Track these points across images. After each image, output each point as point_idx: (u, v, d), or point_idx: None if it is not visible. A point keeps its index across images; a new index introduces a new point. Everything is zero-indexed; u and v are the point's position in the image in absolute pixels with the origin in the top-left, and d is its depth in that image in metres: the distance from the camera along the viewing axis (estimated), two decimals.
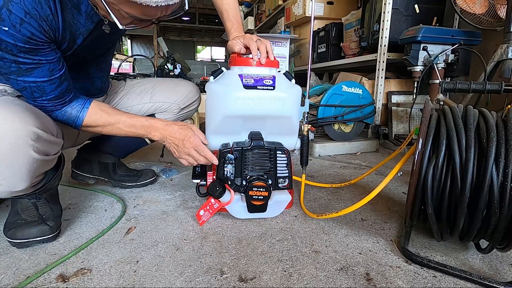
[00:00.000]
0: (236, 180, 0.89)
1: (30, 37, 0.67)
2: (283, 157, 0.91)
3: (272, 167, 0.90)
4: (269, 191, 0.87)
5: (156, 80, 1.22)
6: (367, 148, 1.90)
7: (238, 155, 0.88)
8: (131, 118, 0.89)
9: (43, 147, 0.71)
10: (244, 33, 1.01)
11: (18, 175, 0.69)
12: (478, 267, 0.72)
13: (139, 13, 0.68)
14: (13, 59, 0.69)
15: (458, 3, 1.67)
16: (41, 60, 0.72)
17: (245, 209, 0.90)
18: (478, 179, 0.62)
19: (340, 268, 0.71)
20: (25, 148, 0.67)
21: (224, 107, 0.86)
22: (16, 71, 0.71)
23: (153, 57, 6.14)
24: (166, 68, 4.81)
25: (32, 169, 0.71)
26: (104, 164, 1.20)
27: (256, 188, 0.86)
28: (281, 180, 0.91)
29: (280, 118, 0.90)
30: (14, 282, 0.66)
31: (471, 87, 1.09)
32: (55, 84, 0.77)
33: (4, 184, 0.69)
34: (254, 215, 0.93)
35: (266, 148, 0.90)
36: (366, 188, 1.23)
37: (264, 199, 0.88)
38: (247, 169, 0.89)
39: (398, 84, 2.19)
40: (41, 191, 0.81)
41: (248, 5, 4.90)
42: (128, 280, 0.66)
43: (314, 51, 2.97)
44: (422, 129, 0.69)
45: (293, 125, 0.94)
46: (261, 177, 0.89)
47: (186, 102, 1.19)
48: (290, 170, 0.92)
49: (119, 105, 1.15)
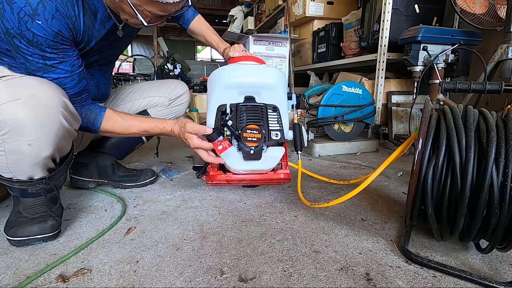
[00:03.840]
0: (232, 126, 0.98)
1: (57, 33, 0.75)
2: (274, 114, 1.02)
3: (264, 120, 0.99)
4: (262, 134, 0.95)
5: (145, 82, 1.33)
6: (367, 148, 1.90)
7: (234, 109, 0.99)
8: (143, 122, 0.98)
9: (69, 117, 0.79)
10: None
11: (48, 137, 0.75)
12: (478, 267, 0.72)
13: (159, 10, 0.80)
14: (41, 54, 0.76)
15: (458, 3, 1.67)
16: (64, 57, 0.80)
17: (241, 158, 0.96)
18: (478, 179, 0.62)
19: (340, 268, 0.71)
20: (57, 113, 0.74)
21: (222, 80, 1.02)
22: (43, 68, 0.78)
23: (153, 57, 6.14)
24: (166, 68, 4.81)
25: (59, 135, 0.77)
26: (102, 166, 1.20)
27: (250, 130, 0.95)
28: (273, 133, 0.99)
29: (267, 88, 1.03)
30: (14, 282, 0.66)
31: (471, 87, 1.09)
32: (75, 80, 0.84)
33: (33, 145, 0.73)
34: (250, 166, 0.97)
35: (257, 104, 1.01)
36: (366, 188, 1.22)
37: (258, 141, 0.94)
38: (242, 122, 0.98)
39: (398, 84, 2.19)
40: (50, 177, 0.84)
41: (248, 5, 4.90)
42: (128, 280, 0.67)
43: (314, 51, 2.97)
44: (422, 129, 0.69)
45: (280, 97, 1.05)
46: (254, 121, 0.97)
47: (175, 94, 1.27)
48: (282, 125, 1.01)
49: (111, 103, 1.20)
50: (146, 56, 4.12)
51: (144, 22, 0.82)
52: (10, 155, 0.74)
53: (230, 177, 1.04)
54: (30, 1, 0.70)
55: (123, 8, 0.82)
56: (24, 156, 0.74)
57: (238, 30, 4.79)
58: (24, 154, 0.74)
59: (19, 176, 0.79)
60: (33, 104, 0.71)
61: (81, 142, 1.15)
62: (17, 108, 0.69)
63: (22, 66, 0.79)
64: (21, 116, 0.70)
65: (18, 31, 0.72)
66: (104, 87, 1.09)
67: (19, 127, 0.70)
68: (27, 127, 0.71)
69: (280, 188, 1.22)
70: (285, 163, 1.10)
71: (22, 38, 0.73)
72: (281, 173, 1.06)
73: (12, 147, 0.72)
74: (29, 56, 0.75)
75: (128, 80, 4.43)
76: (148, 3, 0.78)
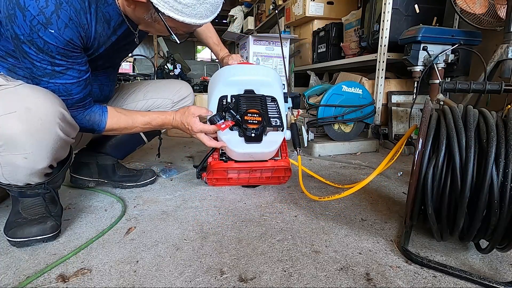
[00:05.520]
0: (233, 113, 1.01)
1: (69, 41, 0.75)
2: (273, 103, 1.07)
3: (264, 108, 1.04)
4: (263, 117, 0.99)
5: (149, 81, 1.30)
6: (367, 148, 1.90)
7: (234, 99, 1.04)
8: (144, 116, 0.99)
9: (66, 127, 0.78)
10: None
11: (44, 150, 0.73)
12: (478, 267, 0.72)
13: (189, 29, 0.85)
14: (51, 61, 0.75)
15: (458, 3, 1.67)
16: (73, 63, 0.79)
17: (242, 142, 1.00)
18: (478, 179, 0.62)
19: (340, 268, 0.71)
20: (53, 126, 0.73)
21: (223, 78, 1.07)
22: (50, 73, 0.77)
23: (153, 57, 6.13)
24: (166, 68, 4.80)
25: (55, 147, 0.75)
26: (103, 166, 1.20)
27: (251, 114, 0.99)
28: (273, 120, 1.03)
29: (265, 85, 1.08)
30: (14, 282, 0.66)
31: (471, 87, 1.09)
32: (81, 86, 0.83)
33: (29, 159, 0.72)
34: (251, 148, 1.00)
35: (257, 95, 1.06)
36: (366, 188, 1.23)
37: (258, 123, 0.98)
38: (242, 109, 1.01)
39: (398, 84, 2.18)
40: (49, 181, 0.83)
41: (248, 5, 4.89)
42: (128, 280, 0.67)
43: (314, 51, 2.97)
44: (422, 129, 0.69)
45: (277, 94, 1.08)
46: (254, 107, 1.02)
47: (179, 96, 1.25)
48: (280, 113, 1.05)
49: (114, 103, 1.18)
50: (146, 56, 4.12)
51: (177, 40, 0.85)
52: (6, 167, 0.73)
53: (231, 165, 1.06)
54: (44, 10, 0.69)
55: (154, 26, 0.84)
56: (20, 169, 0.73)
57: (238, 30, 4.78)
58: (20, 167, 0.73)
59: (16, 183, 0.78)
60: (27, 118, 0.69)
61: (80, 141, 1.15)
62: (11, 122, 0.67)
63: (27, 70, 0.78)
64: (15, 131, 0.68)
65: (29, 38, 0.70)
66: (108, 89, 1.09)
67: (14, 141, 0.69)
68: (22, 141, 0.69)
69: (280, 188, 1.22)
70: (285, 154, 1.14)
71: (32, 44, 0.71)
72: (281, 162, 1.09)
73: (7, 160, 0.71)
74: (37, 62, 0.74)
75: (128, 80, 4.42)
76: (183, 26, 0.80)
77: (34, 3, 0.68)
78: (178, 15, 0.75)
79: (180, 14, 0.75)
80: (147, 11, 0.79)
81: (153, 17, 0.80)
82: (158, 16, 0.77)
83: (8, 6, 0.68)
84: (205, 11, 0.78)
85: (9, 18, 0.69)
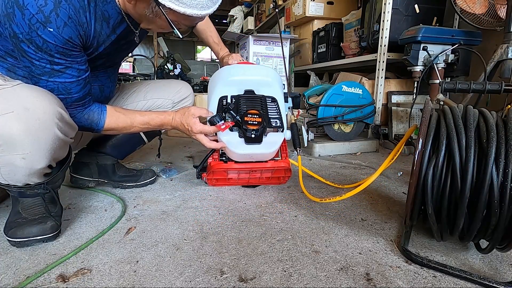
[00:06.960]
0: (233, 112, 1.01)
1: (68, 40, 0.74)
2: (273, 104, 1.07)
3: (264, 109, 1.04)
4: (263, 118, 0.99)
5: (149, 82, 1.29)
6: (367, 148, 1.90)
7: (234, 99, 1.04)
8: (143, 115, 0.98)
9: (65, 127, 0.77)
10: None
11: (42, 151, 0.73)
12: (478, 267, 0.72)
13: (191, 23, 0.84)
14: (50, 60, 0.74)
15: (458, 3, 1.67)
16: (72, 62, 0.79)
17: (242, 143, 1.00)
18: (478, 179, 0.62)
19: (340, 268, 0.71)
20: (52, 125, 0.73)
21: (223, 78, 1.07)
22: (49, 72, 0.76)
23: (153, 57, 6.13)
24: (166, 68, 4.80)
25: (54, 147, 0.75)
26: (103, 166, 1.20)
27: (251, 115, 0.99)
28: (273, 120, 1.03)
29: (265, 85, 1.08)
30: (14, 282, 0.66)
31: (471, 87, 1.09)
32: (80, 85, 0.83)
33: (27, 159, 0.72)
34: (252, 149, 1.00)
35: (257, 95, 1.06)
36: (366, 188, 1.22)
37: (259, 124, 0.98)
38: (242, 109, 1.01)
39: (398, 84, 2.19)
40: (48, 181, 0.83)
41: (248, 5, 4.89)
42: (128, 280, 0.66)
43: (314, 51, 2.97)
44: (422, 129, 0.69)
45: (277, 94, 1.08)
46: (254, 108, 1.02)
47: (179, 97, 1.25)
48: (280, 113, 1.05)
49: (114, 103, 1.17)
50: (146, 56, 4.12)
51: (180, 35, 0.85)
52: (4, 167, 0.73)
53: (231, 165, 1.07)
54: (43, 8, 0.68)
55: (155, 21, 0.83)
56: (19, 169, 0.73)
57: (238, 30, 4.78)
58: (18, 167, 0.73)
59: (15, 183, 0.78)
60: (26, 118, 0.68)
61: (80, 141, 1.15)
62: (9, 122, 0.67)
63: (26, 69, 0.78)
64: (14, 131, 0.68)
65: (28, 37, 0.70)
66: (109, 90, 1.08)
67: (12, 141, 0.68)
68: (20, 141, 0.69)
69: (280, 188, 1.22)
70: (285, 154, 1.14)
71: (31, 43, 0.71)
72: (282, 163, 1.09)
73: (5, 160, 0.71)
74: (36, 60, 0.74)
75: (128, 80, 4.43)
76: (184, 19, 0.80)
77: (33, 1, 0.67)
78: (179, 6, 0.74)
79: (181, 5, 0.75)
80: (147, 5, 0.79)
81: (154, 11, 0.80)
82: (159, 9, 0.77)
83: (7, 5, 0.68)
84: (206, 1, 0.77)
85: (7, 17, 0.69)
